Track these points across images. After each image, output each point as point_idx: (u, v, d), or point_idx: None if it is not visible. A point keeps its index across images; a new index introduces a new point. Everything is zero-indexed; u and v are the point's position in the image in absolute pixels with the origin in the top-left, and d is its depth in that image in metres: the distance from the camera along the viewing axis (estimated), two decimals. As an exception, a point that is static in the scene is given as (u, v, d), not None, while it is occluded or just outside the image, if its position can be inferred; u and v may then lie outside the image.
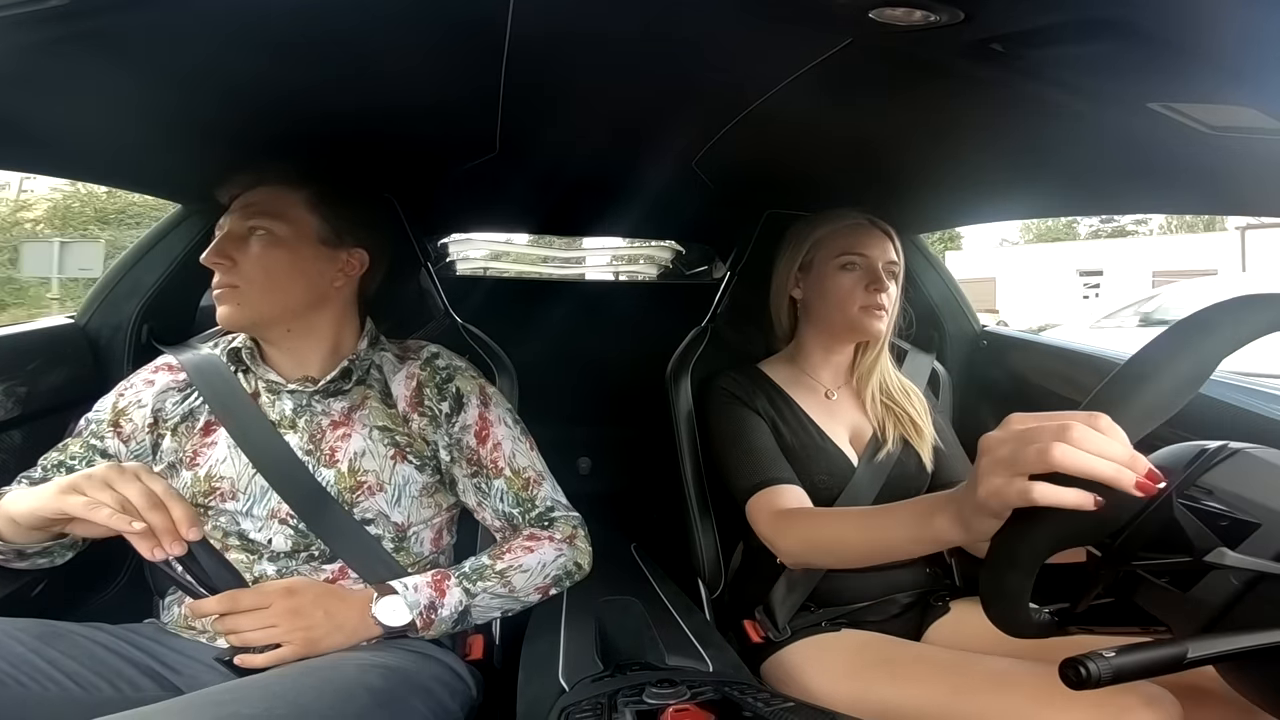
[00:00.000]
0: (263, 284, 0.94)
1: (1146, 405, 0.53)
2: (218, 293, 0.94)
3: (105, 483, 0.72)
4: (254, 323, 0.97)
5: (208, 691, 0.68)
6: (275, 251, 0.95)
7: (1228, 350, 0.55)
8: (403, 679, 0.78)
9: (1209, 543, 0.50)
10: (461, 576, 0.90)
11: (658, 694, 0.71)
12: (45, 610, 0.85)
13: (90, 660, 0.79)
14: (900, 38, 0.60)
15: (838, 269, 1.11)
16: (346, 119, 0.99)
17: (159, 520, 0.72)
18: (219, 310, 0.95)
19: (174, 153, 1.06)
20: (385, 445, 0.95)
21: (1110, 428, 0.50)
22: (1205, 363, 0.55)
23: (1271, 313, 0.57)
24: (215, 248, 0.94)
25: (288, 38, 0.72)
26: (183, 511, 0.73)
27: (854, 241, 1.11)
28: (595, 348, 1.95)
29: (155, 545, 0.72)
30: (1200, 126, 0.64)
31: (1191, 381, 0.54)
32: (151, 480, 0.74)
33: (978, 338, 1.60)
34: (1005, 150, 0.94)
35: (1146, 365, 0.55)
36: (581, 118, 1.05)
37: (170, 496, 0.73)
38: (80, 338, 1.22)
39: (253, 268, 0.94)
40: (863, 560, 0.87)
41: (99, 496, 0.72)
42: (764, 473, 1.02)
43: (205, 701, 0.65)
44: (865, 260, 1.10)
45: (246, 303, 0.94)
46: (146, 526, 0.71)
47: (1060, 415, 0.51)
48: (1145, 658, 0.48)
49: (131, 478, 0.73)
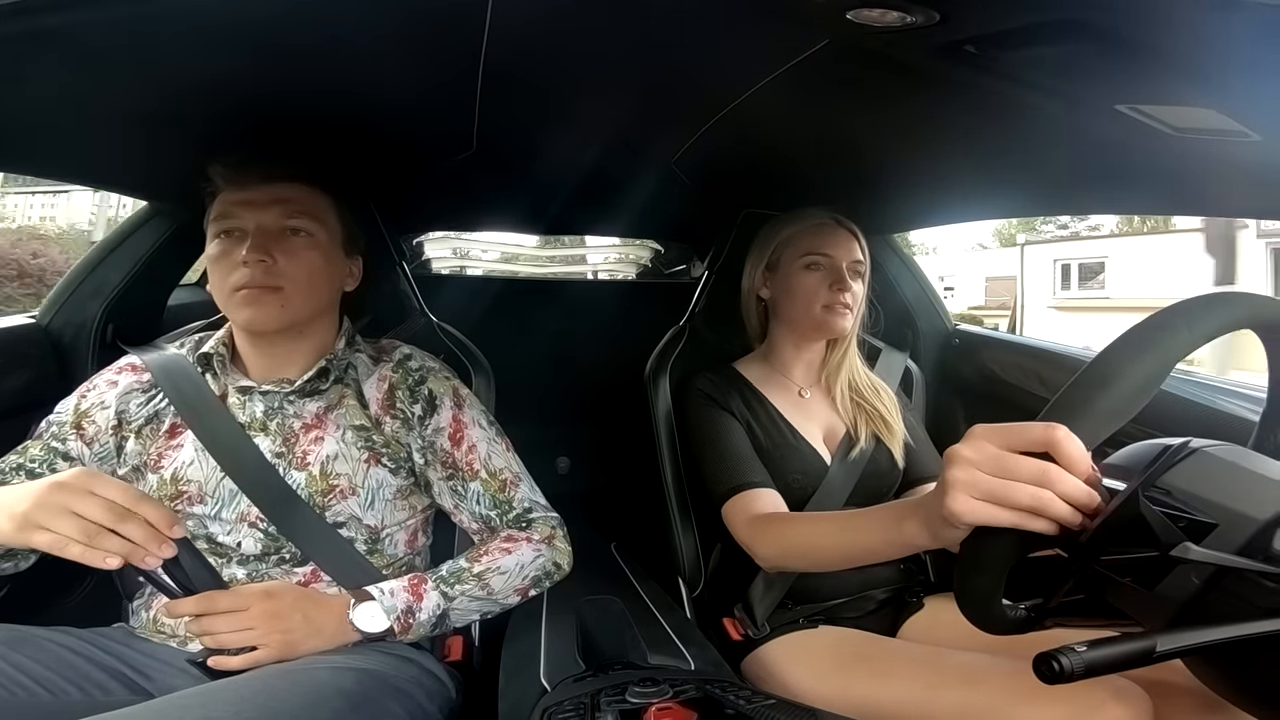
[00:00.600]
0: (305, 286, 0.92)
1: (1106, 411, 0.54)
2: (250, 293, 0.89)
3: (64, 509, 0.68)
4: (288, 325, 0.93)
5: (176, 696, 0.67)
6: (314, 254, 0.93)
7: (1185, 352, 0.57)
8: (378, 681, 0.77)
9: (1174, 537, 0.51)
10: (439, 580, 0.89)
11: (640, 693, 0.71)
12: (11, 615, 0.82)
13: (58, 665, 0.77)
14: (877, 39, 0.61)
15: (802, 268, 1.13)
16: (321, 116, 0.97)
17: (135, 531, 0.69)
18: (249, 311, 0.90)
19: (141, 150, 1.04)
20: (359, 448, 0.93)
21: (1067, 438, 0.52)
22: (1163, 365, 0.56)
23: (1226, 311, 0.58)
24: (257, 245, 0.88)
25: (261, 34, 0.70)
26: (157, 512, 0.70)
27: (819, 241, 1.13)
28: (573, 346, 1.95)
29: (144, 555, 0.69)
30: (1165, 128, 0.66)
31: (1149, 384, 0.56)
32: (107, 488, 0.69)
33: (950, 336, 1.62)
34: (978, 151, 0.96)
35: (1106, 369, 0.56)
36: (560, 116, 1.05)
37: (137, 499, 0.70)
38: (42, 337, 1.18)
39: (295, 268, 0.91)
40: (838, 564, 0.89)
41: (63, 529, 0.67)
42: (739, 477, 1.03)
43: (171, 705, 0.64)
44: (829, 260, 1.12)
45: (290, 305, 0.91)
46: (126, 544, 0.68)
47: (1021, 429, 0.54)
48: (1116, 652, 0.49)
49: (84, 494, 0.68)
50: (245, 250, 0.88)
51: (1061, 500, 0.52)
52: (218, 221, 0.92)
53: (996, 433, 0.55)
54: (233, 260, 0.89)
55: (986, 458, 0.54)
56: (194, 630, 0.79)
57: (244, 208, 0.91)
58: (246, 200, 0.91)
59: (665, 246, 2.48)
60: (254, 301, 0.89)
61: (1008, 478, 0.53)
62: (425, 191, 1.48)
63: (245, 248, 0.88)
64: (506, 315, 1.89)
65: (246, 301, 0.89)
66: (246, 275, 0.88)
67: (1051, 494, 0.52)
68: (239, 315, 0.92)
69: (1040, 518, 0.52)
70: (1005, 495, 0.53)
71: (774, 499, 1.01)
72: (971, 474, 0.54)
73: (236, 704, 0.64)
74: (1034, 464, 0.52)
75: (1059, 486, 0.52)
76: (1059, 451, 0.52)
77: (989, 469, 0.54)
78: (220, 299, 0.92)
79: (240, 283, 0.89)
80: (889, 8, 0.55)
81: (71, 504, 0.68)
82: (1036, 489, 0.52)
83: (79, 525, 0.68)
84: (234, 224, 0.91)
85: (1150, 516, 0.51)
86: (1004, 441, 0.55)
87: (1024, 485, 0.52)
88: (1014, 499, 0.52)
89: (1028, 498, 0.52)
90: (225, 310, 0.94)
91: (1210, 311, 0.58)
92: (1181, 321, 0.57)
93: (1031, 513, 0.52)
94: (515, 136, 1.14)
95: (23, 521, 0.69)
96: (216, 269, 0.91)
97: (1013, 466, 0.53)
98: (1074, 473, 0.52)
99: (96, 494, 0.69)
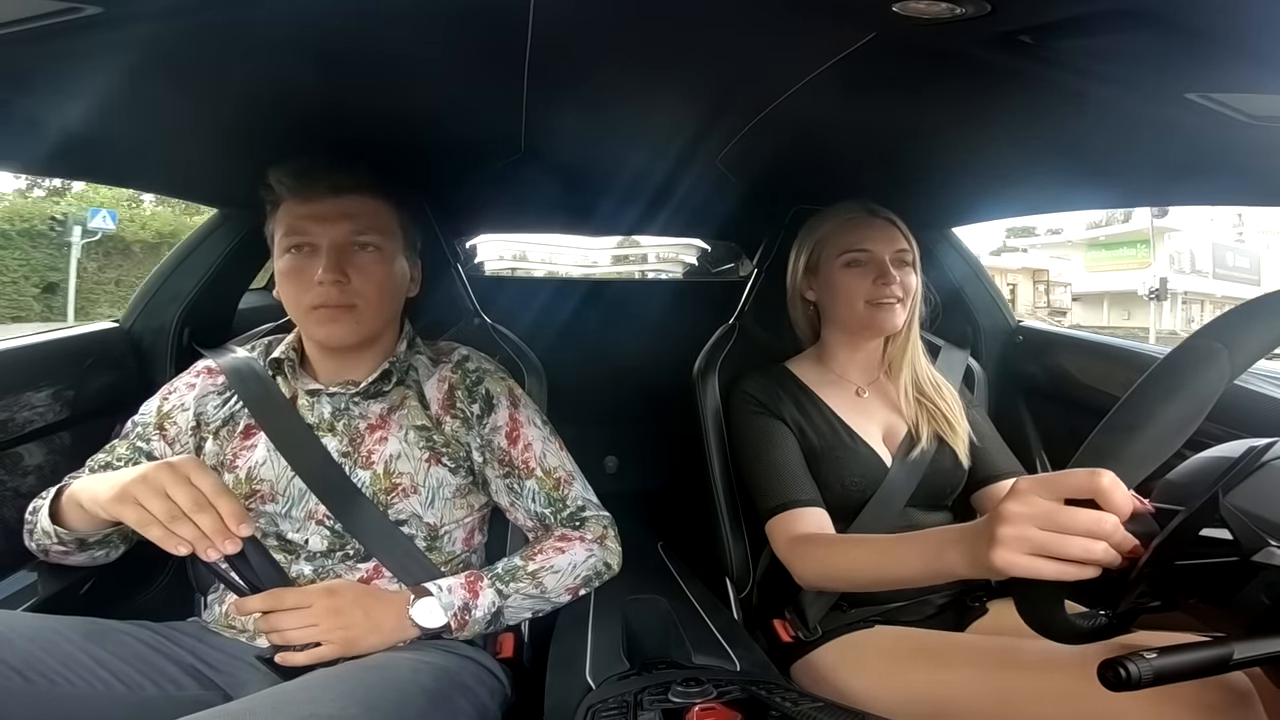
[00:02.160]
0: (376, 302, 0.94)
1: (1141, 455, 0.55)
2: (327, 311, 0.91)
3: (160, 490, 0.72)
4: (362, 340, 0.96)
5: (277, 691, 0.70)
6: (384, 268, 0.95)
7: (1224, 384, 0.55)
8: (450, 679, 0.80)
9: (1257, 542, 0.48)
10: (494, 578, 0.90)
11: (684, 692, 0.71)
12: (92, 608, 0.88)
13: (135, 659, 0.82)
14: (925, 31, 0.59)
15: (843, 267, 1.09)
16: (376, 123, 1.00)
17: (207, 522, 0.72)
18: (326, 330, 0.93)
19: (213, 159, 1.09)
20: (420, 448, 0.96)
21: (1114, 486, 0.53)
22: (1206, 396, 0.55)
23: None
24: (332, 264, 0.90)
25: (320, 45, 0.73)
26: (231, 507, 0.74)
27: (856, 238, 1.09)
28: (622, 346, 1.96)
29: (208, 546, 0.72)
30: (1242, 116, 0.62)
31: (1191, 420, 0.55)
32: (201, 477, 0.73)
33: (1013, 333, 1.56)
34: (1035, 143, 0.92)
35: (1139, 411, 0.55)
36: (605, 116, 1.06)
37: (219, 493, 0.73)
38: (125, 341, 1.26)
39: (368, 285, 0.92)
40: (876, 588, 0.90)
41: (152, 507, 0.72)
42: (785, 494, 1.01)
43: (281, 701, 0.66)
44: (869, 254, 1.08)
45: (364, 321, 0.94)
46: (196, 533, 0.72)
47: (1066, 478, 0.56)
48: (1188, 659, 0.48)
49: (182, 479, 0.72)
50: (321, 270, 0.90)
51: (1111, 549, 0.54)
52: (289, 236, 0.93)
53: (1043, 484, 0.57)
54: (306, 278, 0.91)
55: (1039, 512, 0.56)
56: (261, 627, 0.83)
57: (314, 222, 0.92)
58: (317, 215, 0.92)
59: (713, 245, 2.47)
60: (331, 320, 0.92)
61: (1061, 531, 0.55)
62: (475, 194, 1.51)
63: (319, 266, 0.90)
64: (556, 316, 1.91)
65: (323, 320, 0.92)
66: (323, 295, 0.91)
67: (1105, 544, 0.53)
68: (315, 332, 0.94)
69: (1085, 566, 0.54)
70: (1058, 548, 0.54)
71: (818, 518, 0.99)
72: (1024, 530, 0.56)
73: (340, 701, 0.66)
74: (1088, 516, 0.54)
75: (1114, 538, 0.53)
76: (1105, 499, 0.53)
77: (1042, 524, 0.56)
78: (295, 313, 0.95)
79: (316, 302, 0.91)
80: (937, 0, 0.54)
81: (168, 486, 0.72)
82: (1088, 541, 0.54)
83: (165, 507, 0.72)
84: (305, 239, 0.92)
85: (1231, 520, 0.49)
86: (1052, 493, 0.56)
87: (1076, 539, 0.54)
88: (1066, 551, 0.54)
89: (1079, 550, 0.54)
90: (300, 324, 0.97)
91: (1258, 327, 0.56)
92: (1220, 344, 0.55)
93: (1078, 563, 0.54)
94: (562, 138, 1.15)
95: (121, 493, 0.74)
96: (290, 284, 0.93)
97: (1067, 521, 0.54)
98: (1119, 516, 0.53)
99: (191, 481, 0.73)
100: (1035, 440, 1.46)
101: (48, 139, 0.87)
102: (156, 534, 0.72)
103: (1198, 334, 0.56)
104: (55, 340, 1.17)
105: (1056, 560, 0.55)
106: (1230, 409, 0.54)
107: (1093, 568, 0.54)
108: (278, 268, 0.95)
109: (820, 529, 0.98)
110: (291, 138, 0.99)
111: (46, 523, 0.86)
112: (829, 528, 0.99)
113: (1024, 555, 0.56)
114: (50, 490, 0.89)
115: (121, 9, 0.59)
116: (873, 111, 0.93)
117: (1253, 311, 0.57)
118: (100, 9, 0.57)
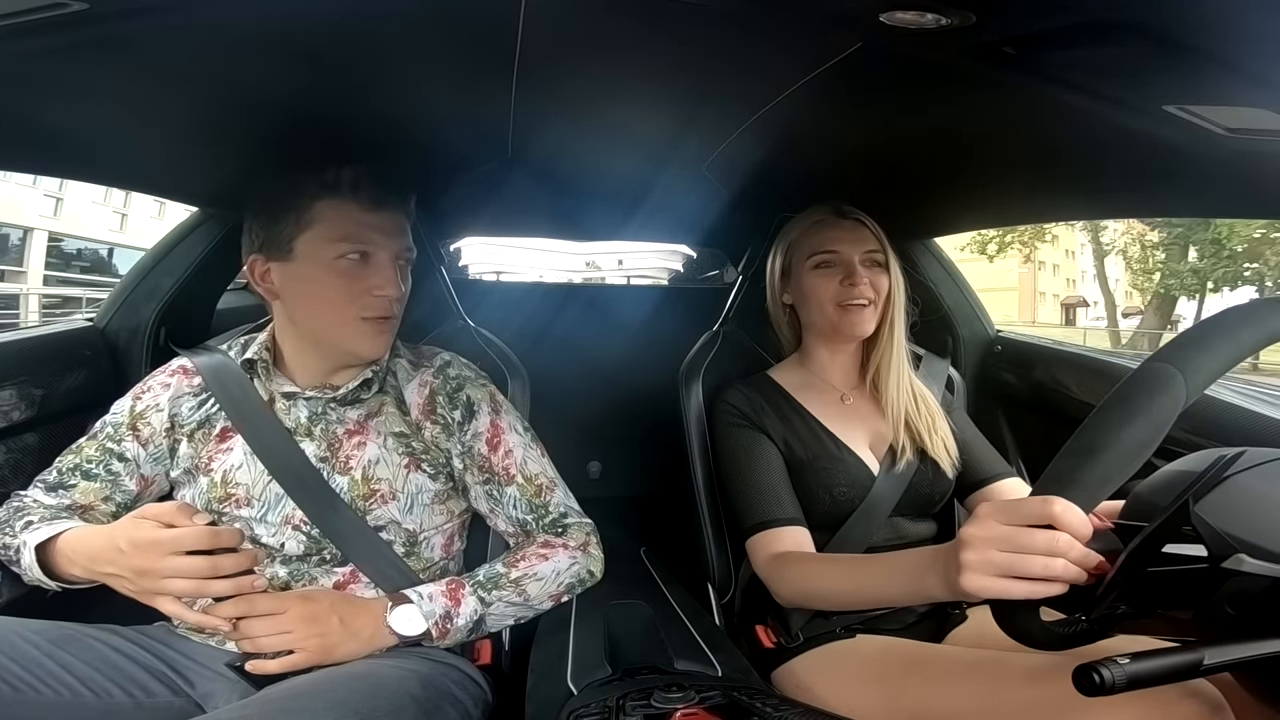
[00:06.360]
0: (401, 310, 0.96)
1: (1099, 479, 0.56)
2: (382, 323, 0.92)
3: (170, 569, 0.73)
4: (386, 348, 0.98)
5: (264, 699, 0.69)
6: (409, 279, 0.97)
7: (1180, 407, 0.57)
8: (435, 686, 0.79)
9: (1226, 550, 0.49)
10: (476, 585, 0.89)
11: (665, 698, 0.71)
12: (59, 610, 0.85)
13: (103, 664, 0.80)
14: (911, 41, 0.60)
15: (812, 269, 1.09)
16: (363, 124, 1.00)
17: (227, 586, 0.75)
18: (376, 341, 0.93)
19: (196, 158, 1.08)
20: (399, 454, 0.95)
21: (1066, 510, 0.56)
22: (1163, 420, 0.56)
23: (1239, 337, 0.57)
24: (398, 278, 0.92)
25: (308, 46, 0.73)
26: (232, 540, 0.76)
27: (822, 239, 1.08)
28: (606, 351, 1.96)
29: (253, 580, 0.76)
30: (1217, 129, 0.63)
31: (1147, 444, 0.57)
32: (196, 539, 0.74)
33: (992, 342, 1.58)
34: (1017, 154, 0.93)
35: (1095, 438, 0.57)
36: (592, 122, 1.06)
37: (205, 537, 0.74)
38: (99, 340, 1.23)
39: (404, 299, 0.95)
40: (854, 608, 0.92)
41: (181, 589, 0.74)
42: (765, 513, 1.01)
43: (272, 710, 0.66)
44: (837, 255, 1.07)
45: (394, 331, 0.96)
46: (229, 585, 0.75)
47: (1021, 505, 0.58)
48: (1161, 664, 0.48)
49: (166, 553, 0.73)
50: (385, 284, 0.90)
51: (1072, 565, 0.56)
52: (347, 240, 0.89)
53: (1001, 511, 0.60)
54: (359, 287, 0.90)
55: (998, 535, 0.59)
56: (232, 635, 0.81)
57: (380, 232, 0.91)
58: (383, 226, 0.91)
59: (698, 251, 2.48)
60: (381, 333, 0.93)
61: (1021, 551, 0.57)
62: (461, 197, 1.50)
63: (372, 276, 0.90)
64: (540, 320, 1.91)
65: (377, 332, 0.92)
66: (384, 307, 0.91)
67: (1064, 561, 0.56)
68: (360, 344, 0.92)
69: (1052, 583, 0.57)
70: (1021, 568, 0.57)
71: (798, 537, 0.99)
72: (985, 553, 0.59)
73: (334, 708, 0.66)
74: (1044, 535, 0.56)
75: (1071, 555, 0.56)
76: (1060, 524, 0.56)
77: (1001, 546, 0.58)
78: (333, 321, 0.91)
79: (373, 313, 0.91)
80: (923, 9, 0.54)
81: (169, 563, 0.73)
82: (1048, 559, 0.56)
83: (194, 586, 0.74)
84: (367, 247, 0.90)
85: (1201, 527, 0.50)
86: (1009, 519, 0.59)
87: (1036, 556, 0.57)
88: (1029, 570, 0.57)
89: (1041, 568, 0.56)
90: (337, 333, 0.92)
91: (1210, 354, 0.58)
92: (1174, 368, 0.57)
93: (1043, 580, 0.57)
94: (549, 143, 1.15)
95: (142, 591, 0.75)
96: (338, 290, 0.90)
97: (1026, 541, 0.57)
98: (1077, 539, 0.56)
99: (184, 552, 0.73)
100: (1012, 448, 1.48)
101: (29, 135, 0.86)
102: (194, 619, 0.78)
103: (1152, 358, 0.58)
104: (27, 339, 1.14)
105: (1022, 580, 0.57)
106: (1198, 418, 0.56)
107: (1059, 584, 0.56)
108: (327, 275, 0.89)
109: (799, 547, 0.98)
110: (276, 138, 0.98)
111: (37, 572, 0.83)
112: (809, 546, 0.99)
113: (990, 578, 0.59)
114: (21, 520, 0.87)
115: (107, 5, 0.58)
116: (858, 120, 0.94)
117: (1204, 334, 0.58)
118: (85, 5, 0.56)
